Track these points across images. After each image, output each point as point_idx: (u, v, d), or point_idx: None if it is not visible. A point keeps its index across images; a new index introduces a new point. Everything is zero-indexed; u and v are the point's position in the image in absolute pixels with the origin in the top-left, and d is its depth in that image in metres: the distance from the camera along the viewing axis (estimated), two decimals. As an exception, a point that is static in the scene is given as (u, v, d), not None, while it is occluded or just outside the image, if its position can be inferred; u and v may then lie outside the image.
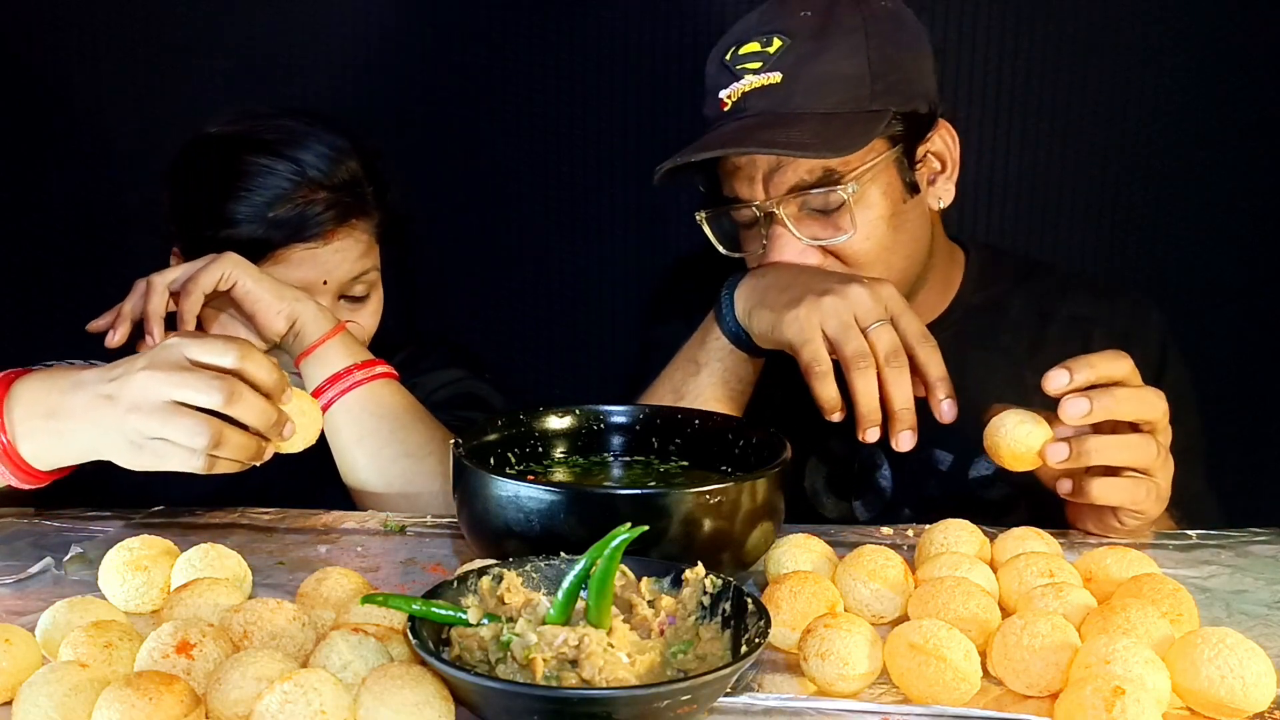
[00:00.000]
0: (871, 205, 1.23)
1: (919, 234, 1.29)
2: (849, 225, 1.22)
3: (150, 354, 0.98)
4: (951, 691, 0.75)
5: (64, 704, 0.70)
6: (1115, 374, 1.01)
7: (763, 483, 0.90)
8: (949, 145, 1.30)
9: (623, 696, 0.68)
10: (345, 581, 0.88)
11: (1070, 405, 0.99)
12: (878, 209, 1.24)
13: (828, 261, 1.25)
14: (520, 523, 0.87)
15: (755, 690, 0.79)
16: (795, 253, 1.24)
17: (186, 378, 0.96)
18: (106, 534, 1.09)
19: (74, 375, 1.01)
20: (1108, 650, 0.74)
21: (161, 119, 1.88)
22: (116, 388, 0.97)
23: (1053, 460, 1.00)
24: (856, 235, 1.23)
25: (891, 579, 0.90)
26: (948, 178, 1.31)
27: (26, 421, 1.00)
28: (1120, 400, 1.00)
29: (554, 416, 1.10)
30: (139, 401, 0.96)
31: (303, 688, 0.67)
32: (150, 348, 1.05)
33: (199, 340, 0.99)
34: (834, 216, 1.23)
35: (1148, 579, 0.87)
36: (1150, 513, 1.07)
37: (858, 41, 1.21)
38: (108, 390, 0.97)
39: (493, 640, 0.74)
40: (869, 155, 1.22)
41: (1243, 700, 0.73)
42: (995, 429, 1.02)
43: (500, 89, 1.84)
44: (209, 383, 0.96)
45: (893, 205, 1.24)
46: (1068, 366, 1.00)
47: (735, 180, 1.26)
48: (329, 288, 1.33)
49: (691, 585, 0.80)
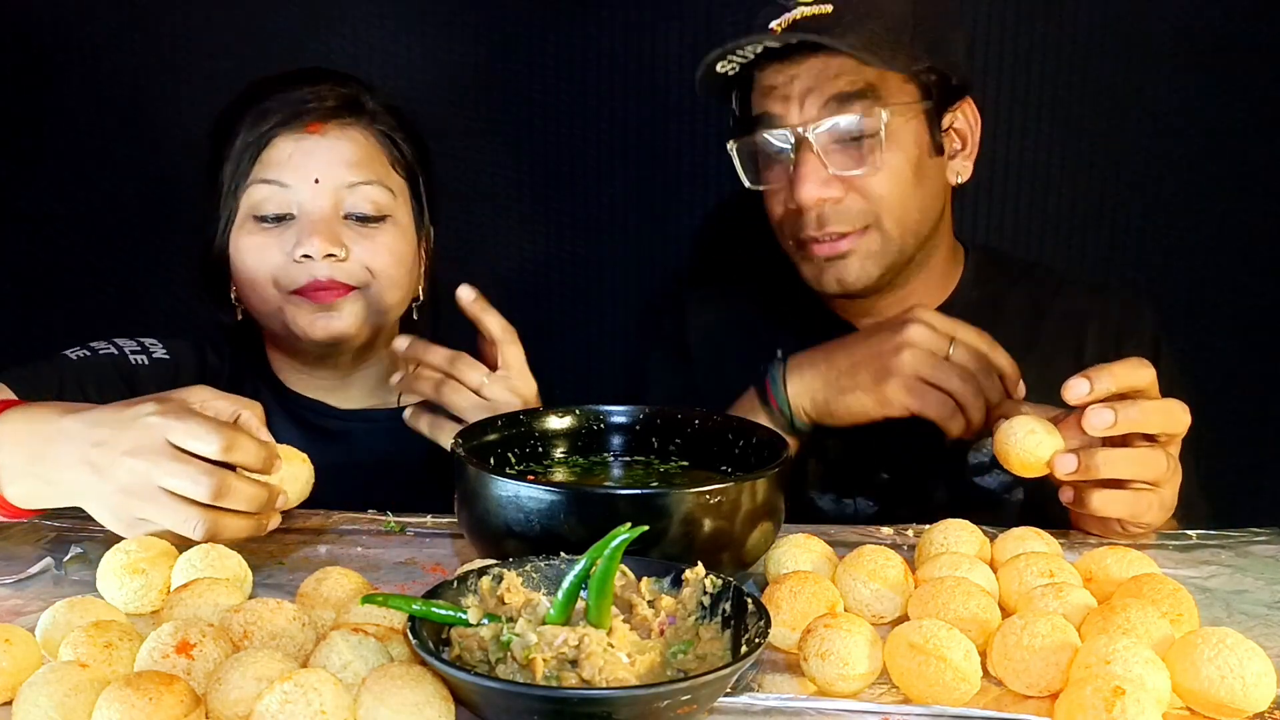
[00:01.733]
0: (901, 146, 1.25)
1: (937, 195, 1.31)
2: (878, 160, 1.23)
3: (133, 433, 0.92)
4: (951, 691, 0.75)
5: (64, 704, 0.70)
6: (1137, 383, 1.00)
7: (763, 483, 0.90)
8: (971, 125, 1.32)
9: (623, 696, 0.68)
10: (345, 581, 0.88)
11: (1094, 417, 0.97)
12: (906, 152, 1.25)
13: (849, 198, 1.26)
14: (520, 523, 0.87)
15: (755, 690, 0.79)
16: (819, 182, 1.24)
17: (174, 467, 0.91)
18: (106, 534, 1.08)
19: (56, 421, 0.96)
20: (1108, 650, 0.74)
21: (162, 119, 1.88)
22: (103, 462, 0.93)
23: (1060, 472, 0.99)
24: (883, 172, 1.24)
25: (891, 579, 0.90)
26: (967, 155, 1.33)
27: (12, 466, 0.97)
28: (1146, 413, 0.99)
29: (554, 416, 1.10)
30: (127, 485, 0.92)
31: (303, 688, 0.67)
32: None
33: (183, 422, 0.92)
34: (864, 149, 1.24)
35: (1148, 579, 0.87)
36: (1153, 523, 1.07)
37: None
38: (94, 459, 0.93)
39: (493, 640, 0.74)
40: (904, 95, 1.24)
41: (1243, 700, 0.73)
42: (1005, 437, 1.01)
43: (500, 89, 1.84)
44: (196, 476, 0.91)
45: (920, 154, 1.27)
46: (1088, 375, 0.98)
47: (770, 100, 1.27)
48: (323, 188, 1.30)
49: (691, 585, 0.80)
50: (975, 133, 1.33)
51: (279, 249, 1.31)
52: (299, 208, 1.31)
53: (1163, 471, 1.01)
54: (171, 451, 0.92)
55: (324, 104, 1.33)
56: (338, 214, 1.32)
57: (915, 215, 1.29)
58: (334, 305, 1.31)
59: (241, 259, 1.33)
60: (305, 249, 1.29)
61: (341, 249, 1.30)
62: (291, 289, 1.31)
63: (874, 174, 1.25)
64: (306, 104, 1.32)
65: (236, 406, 1.01)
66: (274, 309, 1.33)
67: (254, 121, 1.31)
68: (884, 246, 1.29)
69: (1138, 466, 1.00)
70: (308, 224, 1.30)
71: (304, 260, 1.29)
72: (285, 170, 1.30)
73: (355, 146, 1.34)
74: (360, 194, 1.33)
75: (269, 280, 1.32)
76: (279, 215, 1.31)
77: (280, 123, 1.31)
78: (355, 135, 1.34)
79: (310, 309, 1.31)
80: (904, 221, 1.28)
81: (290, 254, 1.30)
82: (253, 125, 1.31)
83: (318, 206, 1.31)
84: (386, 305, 1.36)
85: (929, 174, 1.29)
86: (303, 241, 1.29)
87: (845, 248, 1.28)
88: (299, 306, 1.31)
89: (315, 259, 1.29)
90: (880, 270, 1.30)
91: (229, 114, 1.35)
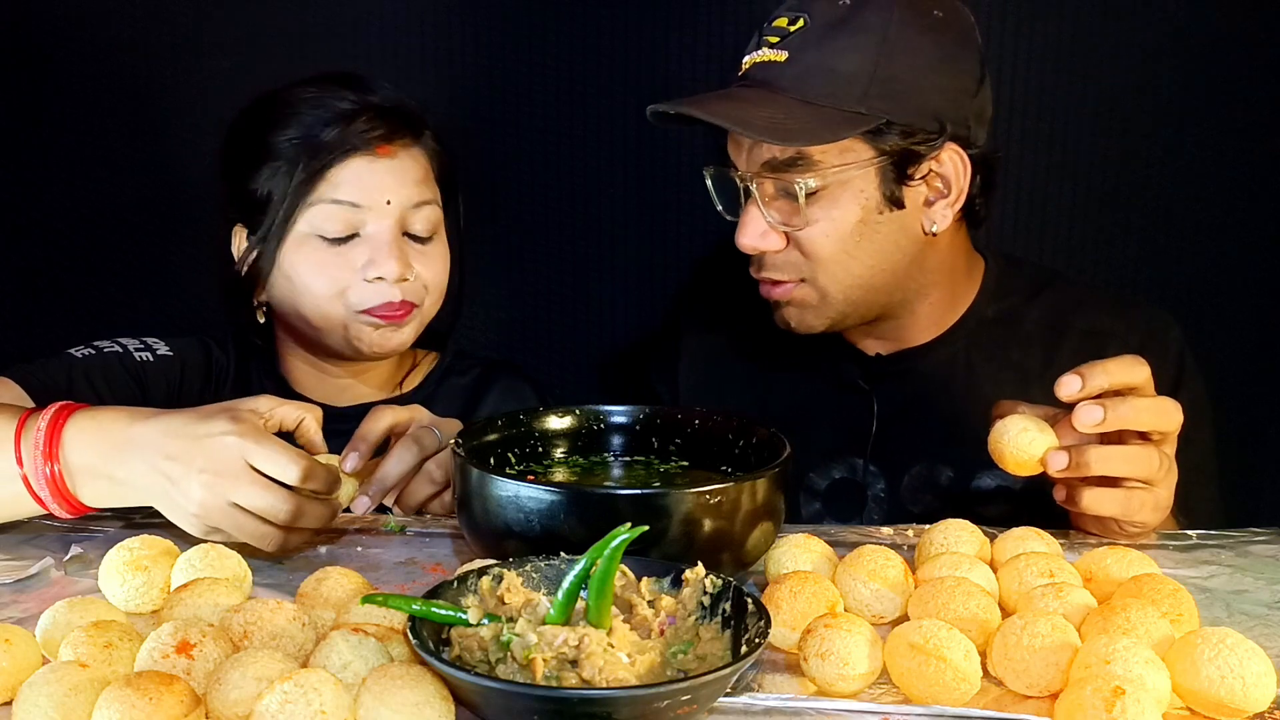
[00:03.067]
0: (839, 205, 1.22)
1: (889, 248, 1.26)
2: (811, 217, 1.22)
3: (210, 452, 0.95)
4: (951, 691, 0.75)
5: (64, 704, 0.70)
6: (1130, 380, 0.99)
7: (763, 483, 0.90)
8: (959, 172, 1.25)
9: (623, 696, 0.68)
10: (345, 581, 0.88)
11: (1084, 413, 0.97)
12: (845, 211, 1.22)
13: (787, 250, 1.25)
14: (520, 523, 0.87)
15: (755, 690, 0.79)
16: (757, 233, 1.24)
17: (254, 491, 0.95)
18: (106, 534, 1.09)
19: (126, 429, 0.98)
20: (1108, 650, 0.73)
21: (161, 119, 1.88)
22: (177, 475, 0.96)
23: (1052, 469, 0.99)
24: (816, 230, 1.23)
25: (891, 579, 0.90)
26: (949, 203, 1.26)
27: (86, 468, 0.99)
28: (1137, 410, 0.98)
29: (554, 416, 1.10)
30: (203, 500, 0.95)
31: (303, 688, 0.67)
32: None
33: (262, 447, 0.96)
34: (801, 206, 1.22)
35: (1148, 579, 0.87)
36: (1148, 523, 1.06)
37: (871, 42, 1.19)
38: (167, 471, 0.96)
39: (493, 640, 0.74)
40: (845, 154, 1.21)
41: (1243, 700, 0.73)
42: (999, 435, 1.01)
43: (500, 90, 1.84)
44: (276, 503, 0.96)
45: (863, 212, 1.23)
46: (1080, 372, 0.98)
47: (730, 144, 1.28)
48: (392, 209, 1.32)
49: (691, 585, 0.80)
50: (963, 179, 1.25)
51: (347, 268, 1.31)
52: (366, 228, 1.32)
53: (1155, 469, 1.01)
54: (250, 475, 0.96)
55: (390, 124, 1.33)
56: (400, 233, 1.33)
57: (860, 271, 1.25)
58: (399, 324, 1.34)
59: (299, 274, 1.32)
60: (380, 271, 1.30)
61: (411, 270, 1.33)
62: (362, 308, 1.32)
63: (809, 231, 1.23)
64: (377, 127, 1.31)
65: (301, 413, 1.06)
66: (337, 324, 1.33)
67: (318, 142, 1.30)
68: (821, 301, 1.27)
69: (1130, 464, 1.00)
70: (382, 246, 1.31)
71: (376, 281, 1.31)
72: (357, 191, 1.30)
73: (417, 166, 1.35)
74: (421, 214, 1.35)
75: (334, 297, 1.32)
76: (346, 235, 1.32)
77: (351, 147, 1.30)
78: (416, 155, 1.36)
79: (378, 326, 1.33)
80: (842, 278, 1.25)
81: (361, 273, 1.31)
82: (316, 146, 1.30)
83: (387, 228, 1.32)
84: (431, 318, 1.40)
85: (878, 231, 1.24)
86: (378, 263, 1.30)
87: (778, 295, 1.28)
88: (367, 324, 1.33)
89: (389, 281, 1.31)
90: (825, 321, 1.29)
91: (264, 120, 1.34)
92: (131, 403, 1.33)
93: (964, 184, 1.26)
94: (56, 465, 0.99)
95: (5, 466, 0.99)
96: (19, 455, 0.99)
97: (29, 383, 1.24)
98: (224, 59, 1.84)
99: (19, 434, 0.99)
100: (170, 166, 1.88)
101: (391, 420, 1.13)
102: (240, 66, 1.83)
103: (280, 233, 1.32)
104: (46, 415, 1.00)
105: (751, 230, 1.25)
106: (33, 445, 0.99)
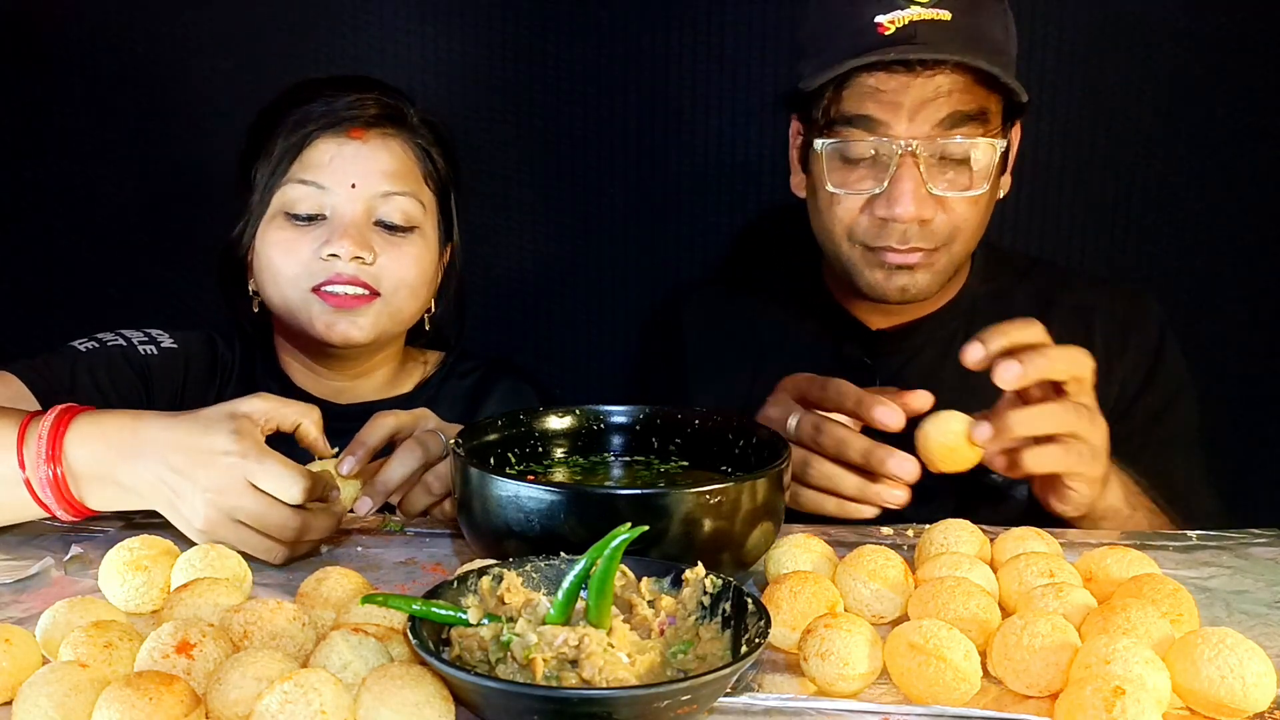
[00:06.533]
0: (991, 171, 1.24)
1: (989, 214, 1.30)
2: (980, 180, 1.22)
3: (213, 472, 0.96)
4: (951, 691, 0.75)
5: (64, 704, 0.70)
6: (1028, 339, 1.02)
7: (763, 483, 0.90)
8: (1014, 142, 1.31)
9: (623, 696, 0.68)
10: (345, 581, 0.88)
11: (1003, 370, 0.99)
12: (991, 177, 1.24)
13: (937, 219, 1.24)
14: (520, 523, 0.87)
15: (755, 690, 0.79)
16: (919, 199, 1.21)
17: (257, 510, 0.96)
18: (106, 534, 1.09)
19: (130, 436, 0.98)
20: (1108, 650, 0.73)
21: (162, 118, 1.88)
22: (181, 488, 0.96)
23: (979, 439, 1.00)
24: (975, 197, 1.23)
25: (891, 579, 0.90)
26: (1009, 171, 1.33)
27: (91, 473, 0.99)
28: (1050, 359, 1.00)
29: (554, 416, 1.10)
30: (207, 516, 0.96)
31: (303, 688, 0.67)
32: None
33: (264, 466, 0.96)
34: (966, 172, 1.22)
35: (1148, 579, 0.87)
36: (1091, 473, 1.06)
37: (1002, 11, 1.23)
38: (171, 483, 0.97)
39: (493, 640, 0.74)
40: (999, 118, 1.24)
41: (1243, 700, 0.73)
42: (920, 436, 1.03)
43: (503, 91, 1.84)
44: (281, 522, 0.97)
45: (996, 177, 1.26)
46: (980, 338, 1.00)
47: (874, 104, 1.21)
48: (358, 193, 1.32)
49: (691, 585, 0.80)
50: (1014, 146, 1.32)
51: (307, 246, 1.32)
52: (332, 209, 1.33)
53: (1077, 420, 1.02)
54: (254, 494, 0.96)
55: (368, 111, 1.35)
56: (369, 220, 1.34)
57: (978, 235, 1.29)
58: (355, 311, 1.33)
59: (268, 253, 1.34)
60: (334, 249, 1.31)
61: (369, 253, 1.32)
62: (313, 285, 1.32)
63: (968, 198, 1.23)
64: (351, 109, 1.34)
65: (298, 416, 1.06)
66: (295, 305, 1.34)
67: (297, 122, 1.33)
68: (948, 263, 1.29)
69: (1052, 419, 1.02)
70: (339, 225, 1.32)
71: (330, 259, 1.31)
72: (323, 172, 1.32)
73: (393, 157, 1.36)
74: (393, 204, 1.35)
75: (293, 276, 1.33)
76: (311, 215, 1.33)
77: (323, 126, 1.33)
78: (395, 146, 1.36)
79: (330, 311, 1.32)
80: (970, 244, 1.28)
81: (317, 252, 1.32)
82: (295, 125, 1.33)
83: (351, 210, 1.33)
84: (404, 315, 1.39)
85: (992, 195, 1.28)
86: (332, 241, 1.31)
87: (916, 261, 1.27)
88: (320, 306, 1.32)
89: (342, 259, 1.31)
90: (940, 283, 1.31)
91: (270, 112, 1.37)
92: (134, 397, 1.34)
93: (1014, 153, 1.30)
94: (59, 469, 0.99)
95: (8, 471, 0.99)
96: (21, 459, 0.99)
97: (31, 378, 1.25)
98: (225, 58, 1.84)
99: (21, 438, 0.99)
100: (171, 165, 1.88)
101: (395, 425, 1.13)
102: (241, 65, 1.83)
103: (260, 212, 1.34)
104: (48, 419, 1.00)
105: (915, 196, 1.21)
106: (35, 449, 0.99)
